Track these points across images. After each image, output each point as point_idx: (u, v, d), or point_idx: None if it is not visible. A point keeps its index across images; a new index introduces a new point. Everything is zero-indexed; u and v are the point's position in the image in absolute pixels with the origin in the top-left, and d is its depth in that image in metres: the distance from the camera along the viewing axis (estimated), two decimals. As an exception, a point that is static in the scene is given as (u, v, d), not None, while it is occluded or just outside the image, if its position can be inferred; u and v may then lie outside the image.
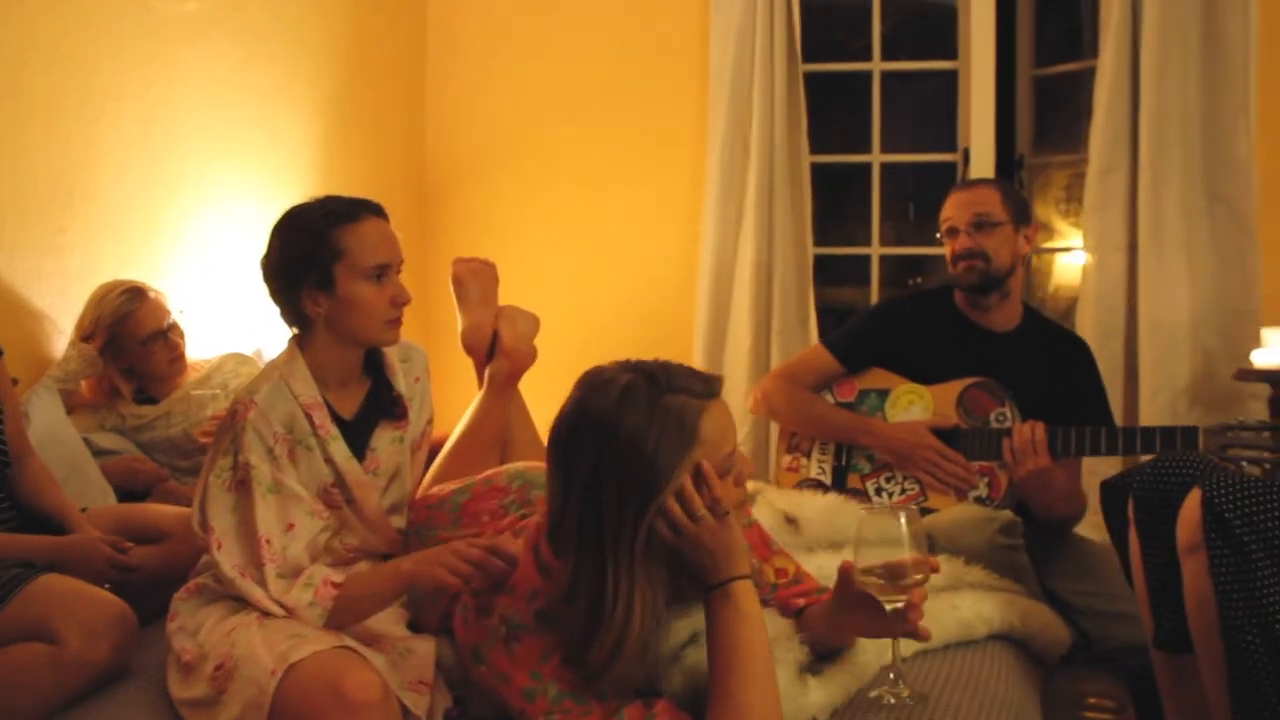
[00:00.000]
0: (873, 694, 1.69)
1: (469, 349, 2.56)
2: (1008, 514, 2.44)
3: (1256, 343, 3.38)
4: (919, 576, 1.61)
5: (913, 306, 2.91)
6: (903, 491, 2.67)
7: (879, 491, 2.69)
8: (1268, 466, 2.31)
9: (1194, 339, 3.53)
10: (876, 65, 3.94)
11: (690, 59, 3.94)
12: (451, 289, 2.59)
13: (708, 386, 1.59)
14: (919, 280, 4.70)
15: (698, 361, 3.78)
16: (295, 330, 2.06)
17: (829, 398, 2.81)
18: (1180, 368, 3.52)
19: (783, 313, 3.82)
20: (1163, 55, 3.49)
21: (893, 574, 1.61)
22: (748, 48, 3.76)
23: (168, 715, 1.85)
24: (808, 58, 3.85)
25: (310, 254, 1.95)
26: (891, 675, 1.69)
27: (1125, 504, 2.00)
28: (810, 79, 3.88)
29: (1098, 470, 2.92)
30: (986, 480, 2.60)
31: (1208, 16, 3.48)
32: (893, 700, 1.66)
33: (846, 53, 4.24)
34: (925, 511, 2.57)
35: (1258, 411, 3.39)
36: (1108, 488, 2.06)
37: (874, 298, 4.07)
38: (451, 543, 1.82)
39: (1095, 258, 3.60)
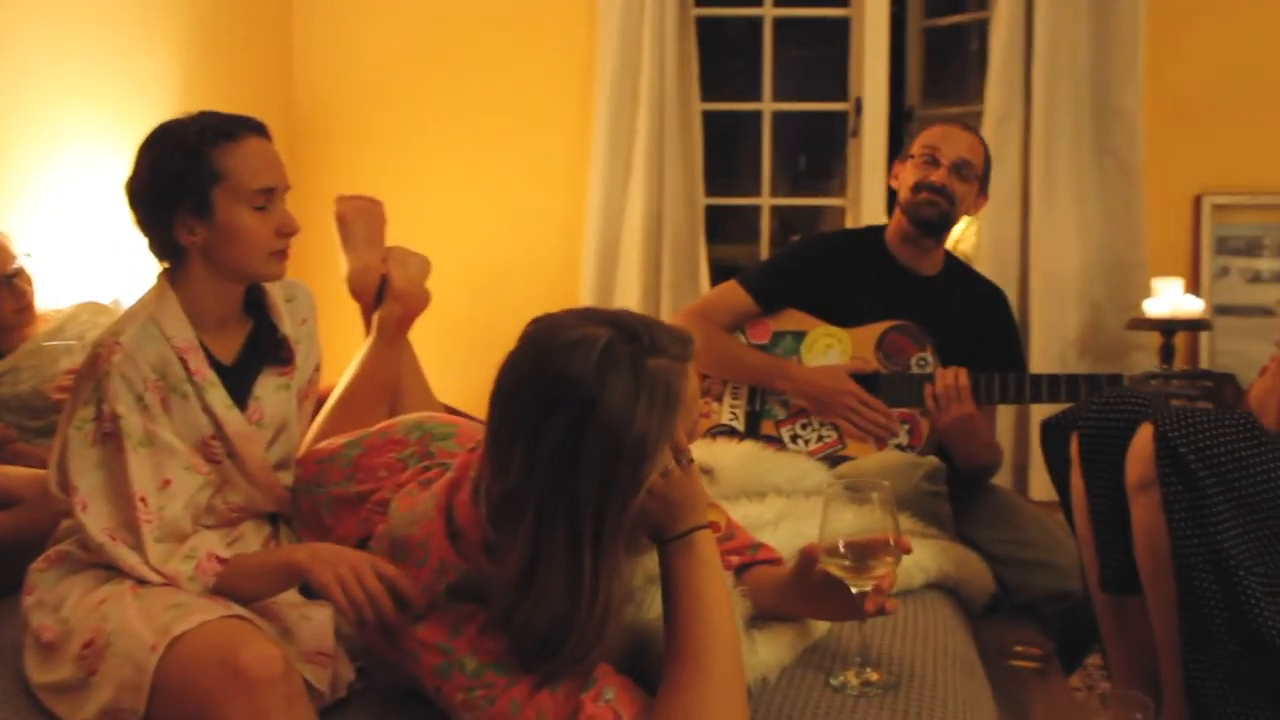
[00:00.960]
0: (834, 682, 1.56)
1: (356, 293, 2.35)
2: (933, 460, 2.36)
3: (1142, 294, 3.41)
4: (890, 559, 1.49)
5: (834, 244, 2.81)
6: (819, 439, 2.56)
7: (794, 438, 2.58)
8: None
9: (1083, 291, 3.57)
10: (768, 11, 3.84)
11: (577, 4, 3.76)
12: (336, 230, 2.37)
13: (685, 348, 1.42)
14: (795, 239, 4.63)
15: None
16: (165, 264, 1.83)
17: (741, 338, 2.68)
18: (1070, 319, 3.56)
19: (673, 264, 3.70)
20: (1055, 9, 3.48)
21: (862, 556, 1.49)
22: (638, -8, 3.61)
23: (25, 704, 1.62)
24: (699, 1, 3.71)
25: (184, 176, 1.73)
26: (863, 659, 1.58)
27: (1067, 444, 1.92)
28: (701, 24, 3.74)
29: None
30: (907, 427, 2.51)
31: (1099, -29, 3.49)
32: (860, 687, 1.54)
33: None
34: (843, 459, 2.48)
35: (1145, 362, 3.43)
36: (1049, 427, 1.99)
37: (764, 252, 3.97)
38: (359, 555, 1.62)
39: (991, 208, 3.55)
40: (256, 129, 1.80)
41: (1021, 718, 1.89)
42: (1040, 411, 3.44)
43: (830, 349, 2.62)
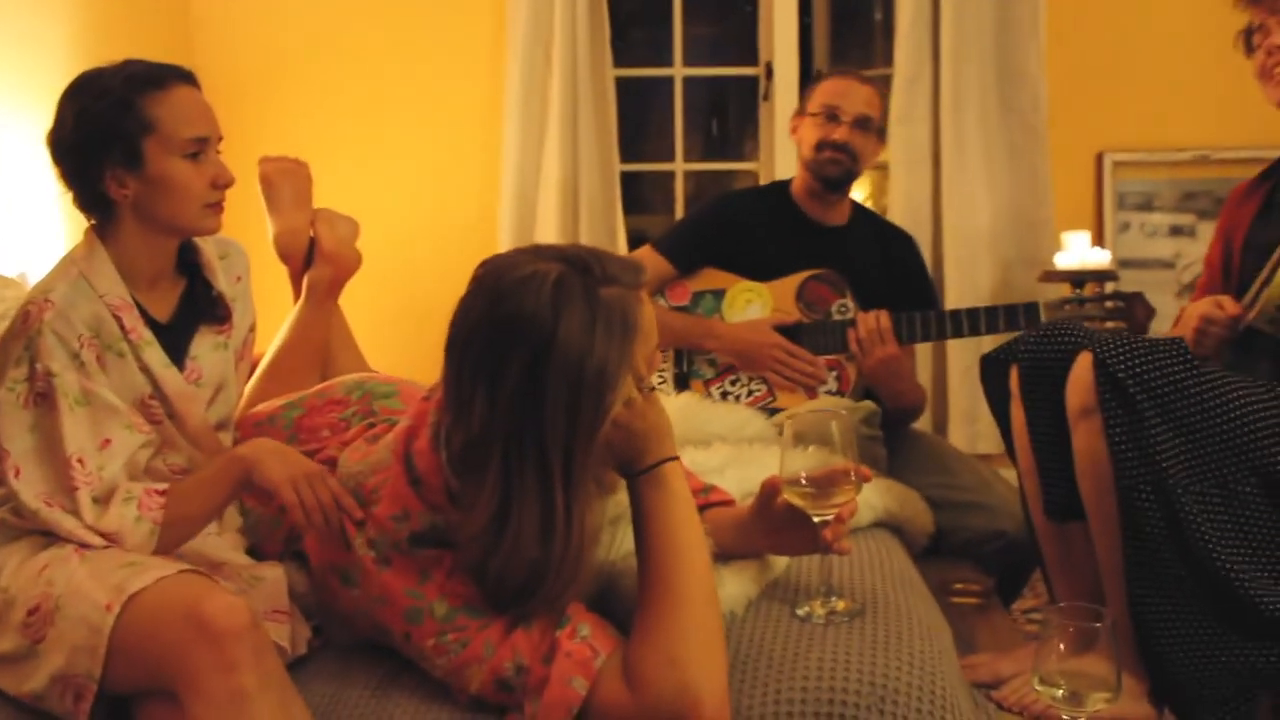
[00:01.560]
0: (801, 612, 1.58)
1: (284, 255, 2.30)
2: (869, 404, 2.41)
3: (1050, 249, 3.50)
4: (850, 487, 1.51)
5: (743, 200, 2.83)
6: (749, 394, 2.58)
7: (725, 396, 2.60)
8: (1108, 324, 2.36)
9: (994, 247, 3.65)
10: (678, -24, 3.84)
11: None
12: (260, 191, 2.32)
13: (637, 276, 1.42)
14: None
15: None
16: (93, 220, 1.77)
17: (661, 302, 2.68)
18: (983, 274, 3.64)
19: (590, 231, 3.69)
20: (961, -30, 3.54)
21: (823, 484, 1.51)
22: (547, -45, 3.58)
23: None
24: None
25: (113, 125, 1.67)
26: (826, 589, 1.59)
27: (1006, 378, 1.97)
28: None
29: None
30: (835, 374, 2.55)
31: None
32: (826, 616, 1.56)
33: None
34: (775, 412, 2.50)
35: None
36: (988, 362, 2.02)
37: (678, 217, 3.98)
38: (305, 459, 1.59)
39: (903, 169, 3.62)
40: (185, 77, 1.75)
41: (968, 647, 1.93)
42: (957, 366, 3.56)
43: (751, 304, 2.64)
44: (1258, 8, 2.00)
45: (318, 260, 2.26)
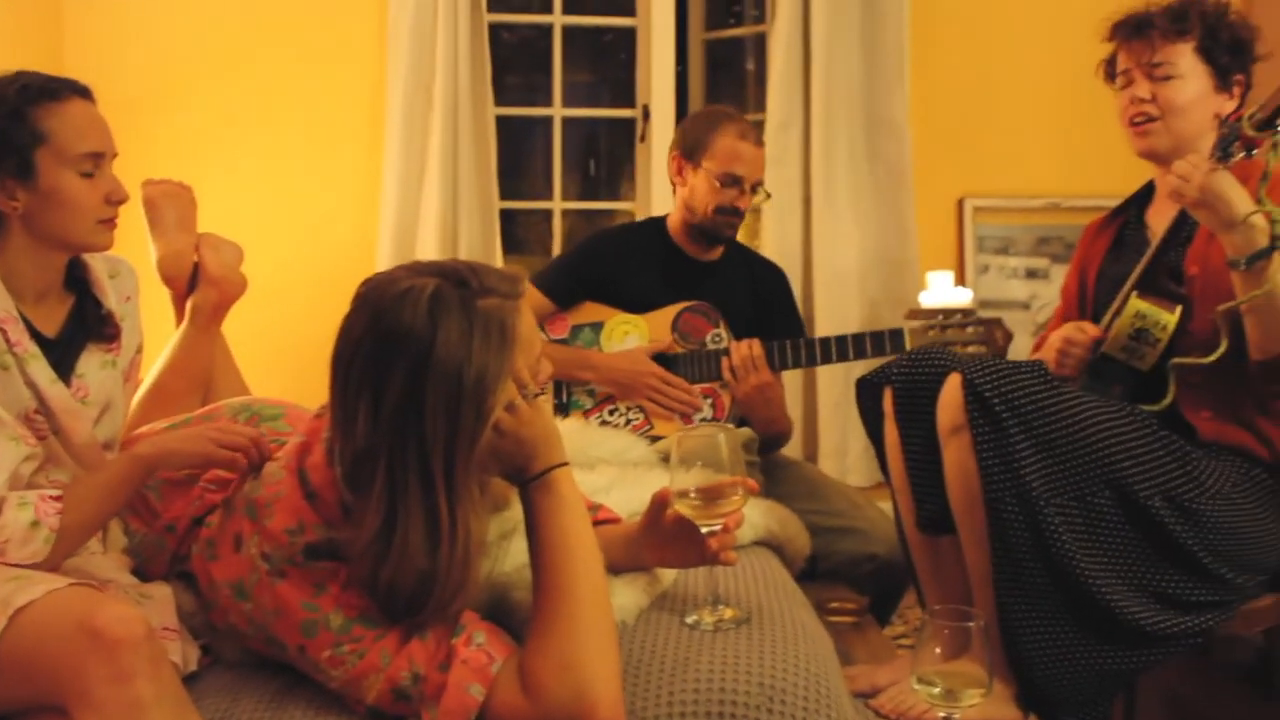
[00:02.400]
0: (690, 620, 1.62)
1: (167, 279, 2.29)
2: (746, 430, 2.48)
3: (915, 288, 3.65)
4: (736, 498, 1.57)
5: (619, 236, 2.93)
6: (628, 423, 2.64)
7: (603, 425, 2.64)
8: (970, 348, 2.48)
9: (862, 286, 3.78)
10: (558, 19, 3.91)
11: (368, 4, 3.73)
12: (143, 214, 2.30)
13: (515, 286, 1.46)
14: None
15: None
16: None
17: (541, 336, 2.72)
18: (851, 312, 3.76)
19: (470, 268, 3.70)
20: (829, 25, 3.69)
21: (710, 496, 1.56)
22: (430, -6, 3.62)
23: None
24: (491, 7, 3.76)
25: (4, 136, 1.65)
26: (714, 599, 1.64)
27: (880, 399, 2.06)
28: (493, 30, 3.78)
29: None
30: (710, 401, 2.62)
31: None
32: (715, 624, 1.61)
33: (530, 6, 4.20)
34: (654, 439, 2.55)
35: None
36: (863, 384, 2.12)
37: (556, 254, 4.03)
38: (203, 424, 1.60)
39: (775, 210, 3.74)
40: (81, 91, 1.74)
41: (846, 662, 2.00)
42: (827, 401, 3.68)
43: (628, 335, 2.71)
44: (1127, 55, 2.14)
45: (202, 284, 2.26)
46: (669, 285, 2.73)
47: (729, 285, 2.78)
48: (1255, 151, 1.78)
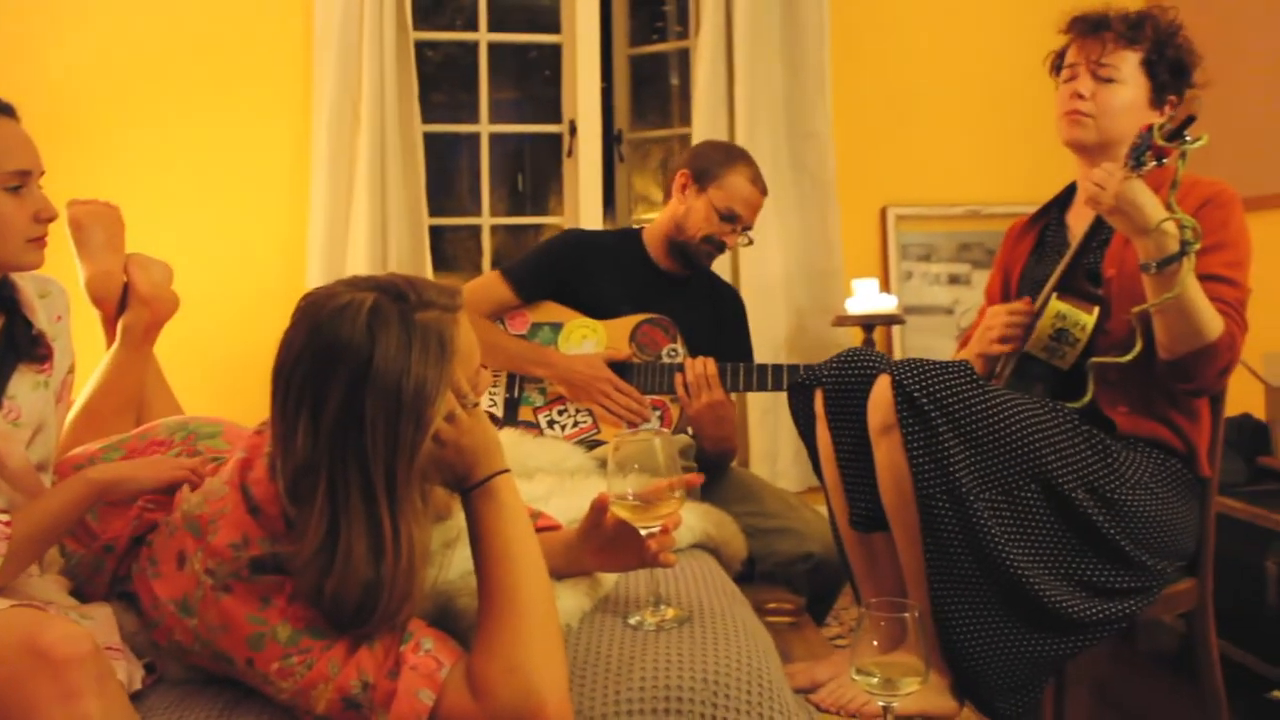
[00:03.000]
0: (633, 621, 1.65)
1: (97, 299, 2.27)
2: (684, 437, 2.51)
3: (841, 297, 3.74)
4: (674, 500, 1.60)
5: (596, 241, 2.96)
6: (575, 424, 2.67)
7: (551, 424, 2.68)
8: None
9: (789, 295, 3.86)
10: (483, 36, 3.93)
11: (293, 22, 3.72)
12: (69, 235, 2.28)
13: (453, 299, 1.48)
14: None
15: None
16: None
17: (501, 327, 2.76)
18: (779, 321, 3.84)
19: (401, 285, 3.70)
20: (751, 40, 3.77)
21: (648, 498, 1.59)
22: (355, 11, 3.61)
23: None
24: (417, 25, 3.77)
25: None
26: (656, 600, 1.67)
27: (811, 402, 2.11)
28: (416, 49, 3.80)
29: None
30: (659, 414, 2.66)
31: (787, 6, 3.84)
32: (657, 624, 1.63)
33: (454, 24, 4.21)
34: (598, 444, 2.58)
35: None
36: (794, 388, 2.16)
37: (486, 269, 4.05)
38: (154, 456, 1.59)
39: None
40: (4, 109, 1.73)
41: (785, 660, 2.04)
42: (756, 409, 3.74)
43: (586, 340, 2.75)
44: (1078, 49, 2.21)
45: (133, 304, 2.24)
46: (636, 295, 2.79)
47: (693, 303, 2.85)
48: (1165, 160, 1.86)
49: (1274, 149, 3.44)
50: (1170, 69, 2.16)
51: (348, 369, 1.38)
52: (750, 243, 2.91)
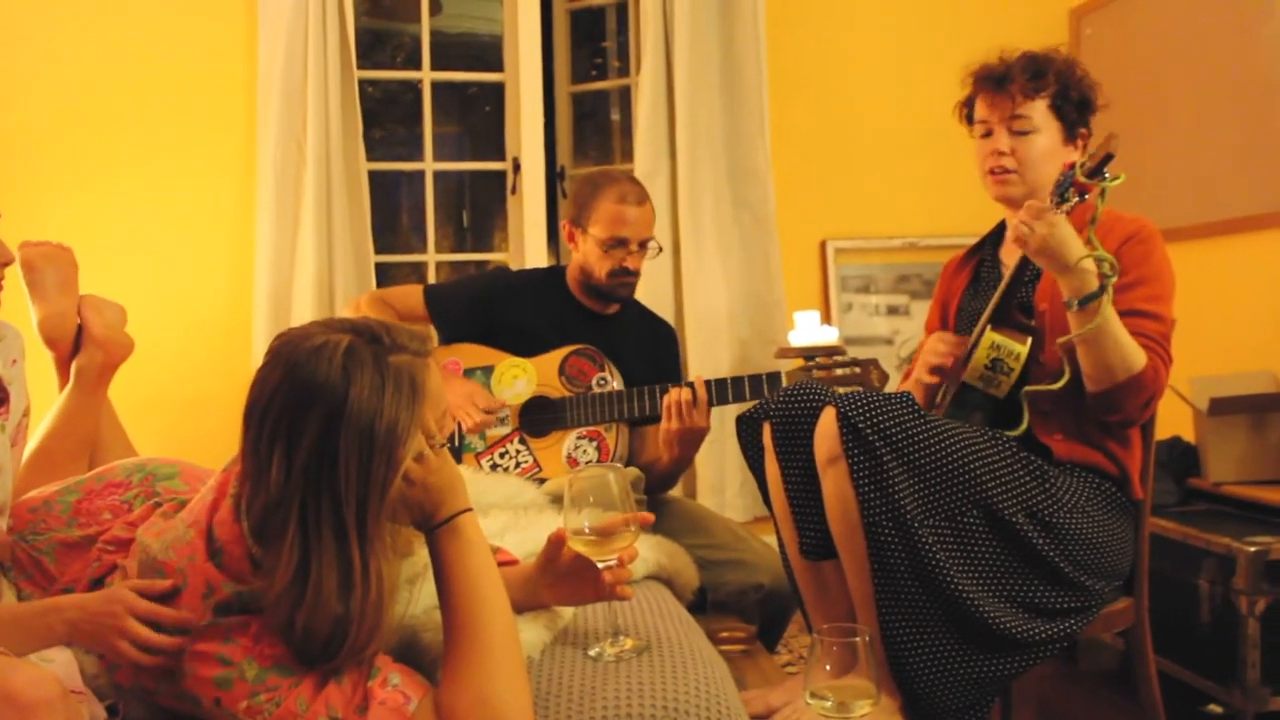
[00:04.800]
0: (592, 652, 1.69)
1: (50, 341, 2.27)
2: (634, 470, 2.55)
3: (783, 328, 3.81)
4: (629, 533, 1.65)
5: (523, 280, 3.00)
6: (518, 465, 2.70)
7: (494, 468, 2.70)
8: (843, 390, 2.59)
9: (732, 328, 3.93)
10: (427, 74, 3.98)
11: (236, 61, 3.74)
12: (22, 277, 2.28)
13: (424, 345, 1.53)
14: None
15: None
16: None
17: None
18: (722, 354, 3.90)
19: (348, 323, 3.71)
20: (691, 78, 3.85)
21: (604, 533, 1.64)
22: (299, 51, 3.64)
23: None
24: (361, 63, 3.80)
25: None
26: (614, 631, 1.71)
27: (759, 435, 2.16)
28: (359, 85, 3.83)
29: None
30: (595, 444, 2.69)
31: (726, 46, 3.92)
32: (616, 654, 1.67)
33: (394, 62, 4.25)
34: (543, 481, 2.61)
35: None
36: (743, 421, 2.22)
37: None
38: (114, 592, 1.58)
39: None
40: None
41: (740, 687, 2.08)
42: (704, 452, 3.76)
43: (518, 379, 2.78)
44: (989, 107, 2.29)
45: (87, 346, 2.24)
46: (566, 334, 2.81)
47: (623, 338, 2.88)
48: (1087, 196, 1.95)
49: (1193, 183, 3.58)
50: (1076, 106, 2.25)
51: (323, 408, 1.41)
52: (660, 250, 2.92)
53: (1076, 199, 1.94)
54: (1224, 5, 3.48)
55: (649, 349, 2.92)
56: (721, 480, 3.86)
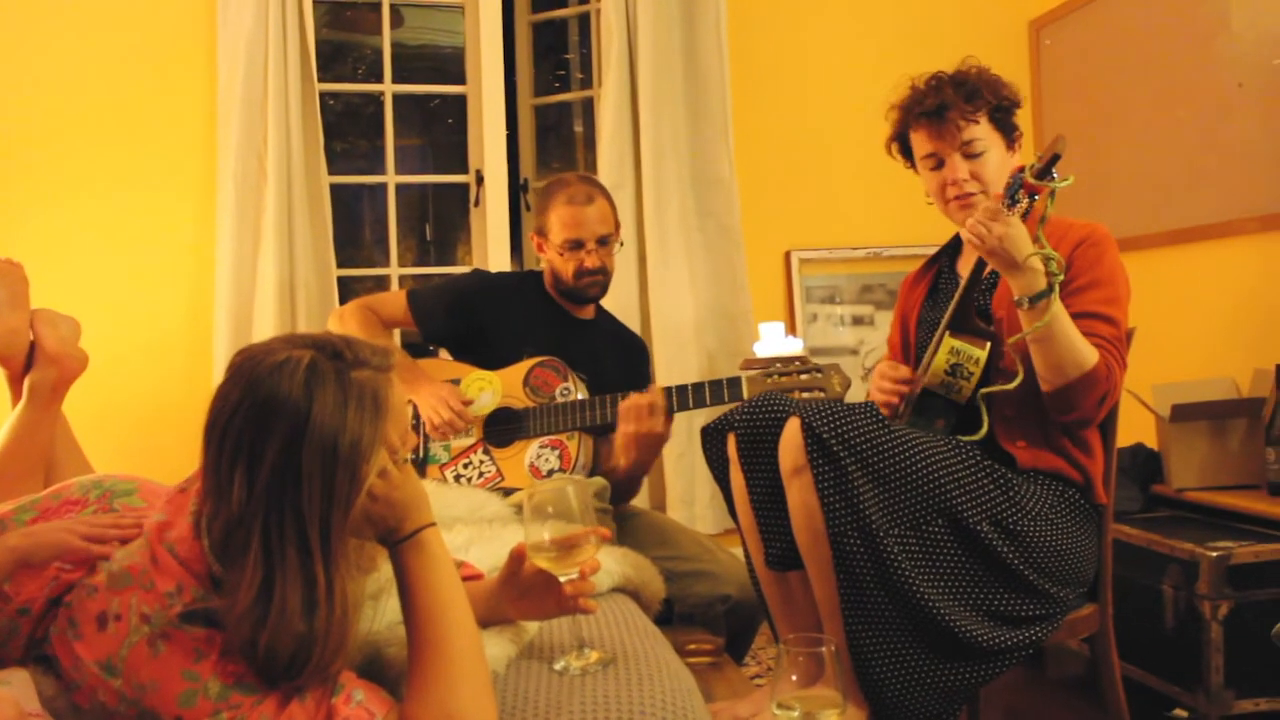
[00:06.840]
0: (558, 666, 1.67)
1: (1, 358, 2.23)
2: (599, 480, 2.54)
3: (749, 338, 3.82)
4: (590, 546, 1.64)
5: (504, 282, 3.02)
6: (480, 475, 2.70)
7: (458, 478, 2.70)
8: (805, 394, 2.59)
9: (698, 338, 3.93)
10: (389, 87, 3.96)
11: (196, 73, 3.71)
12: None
13: (386, 359, 1.51)
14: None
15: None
16: None
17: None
18: (689, 364, 3.90)
19: (311, 336, 3.69)
20: (654, 91, 3.85)
21: (565, 546, 1.63)
22: (259, 64, 3.62)
23: None
24: (322, 76, 3.78)
25: None
26: (580, 644, 1.70)
27: (724, 446, 2.16)
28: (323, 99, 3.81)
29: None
30: (557, 453, 2.69)
31: (689, 59, 3.94)
32: (582, 668, 1.66)
33: (356, 75, 4.23)
34: (508, 491, 2.60)
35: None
36: (707, 432, 2.22)
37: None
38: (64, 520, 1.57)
39: (612, 268, 3.85)
40: None
41: (707, 699, 2.07)
42: (671, 453, 3.79)
43: (484, 391, 2.78)
44: (934, 139, 2.28)
45: (40, 362, 2.21)
46: (540, 338, 2.83)
47: (598, 346, 2.90)
48: (1037, 197, 1.97)
49: (1152, 192, 3.62)
50: (1007, 112, 2.28)
51: (286, 424, 1.39)
52: (622, 245, 2.96)
53: (1027, 200, 1.97)
54: (1180, 16, 3.52)
55: (623, 357, 2.94)
56: (691, 493, 3.85)
